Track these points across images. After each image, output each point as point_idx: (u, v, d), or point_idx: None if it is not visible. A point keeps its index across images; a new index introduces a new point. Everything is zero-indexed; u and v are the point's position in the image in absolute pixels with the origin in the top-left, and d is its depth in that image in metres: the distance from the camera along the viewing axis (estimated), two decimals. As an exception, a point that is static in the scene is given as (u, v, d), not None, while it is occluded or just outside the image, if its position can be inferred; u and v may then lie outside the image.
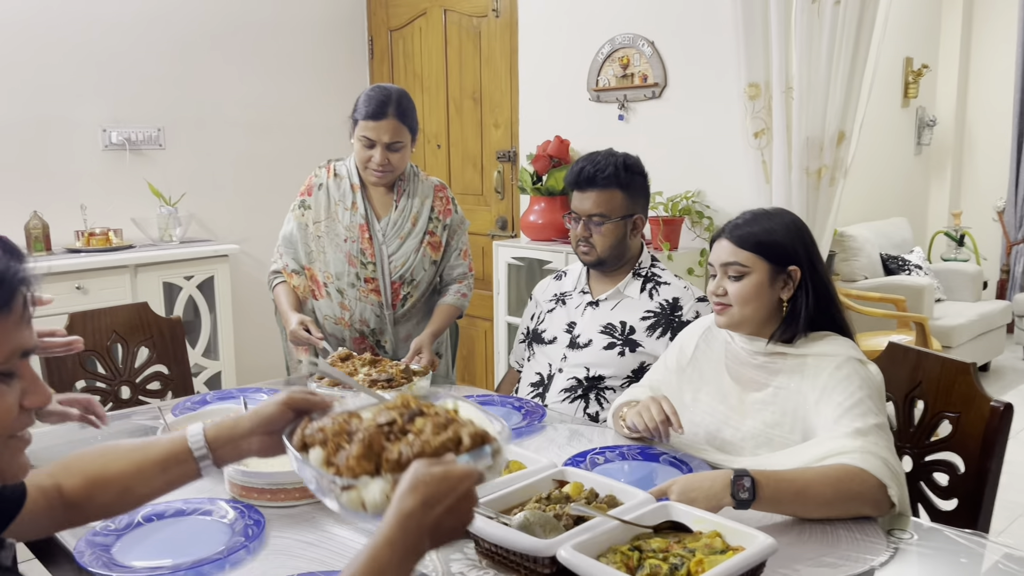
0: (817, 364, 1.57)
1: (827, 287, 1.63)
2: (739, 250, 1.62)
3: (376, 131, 2.26)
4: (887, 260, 5.36)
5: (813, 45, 2.63)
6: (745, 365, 1.68)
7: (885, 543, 1.34)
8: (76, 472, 1.08)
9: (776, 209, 1.71)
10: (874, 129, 5.55)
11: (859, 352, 1.58)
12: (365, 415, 1.06)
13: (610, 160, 2.13)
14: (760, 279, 1.61)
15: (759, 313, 1.62)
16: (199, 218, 4.04)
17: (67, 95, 3.71)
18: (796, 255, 1.60)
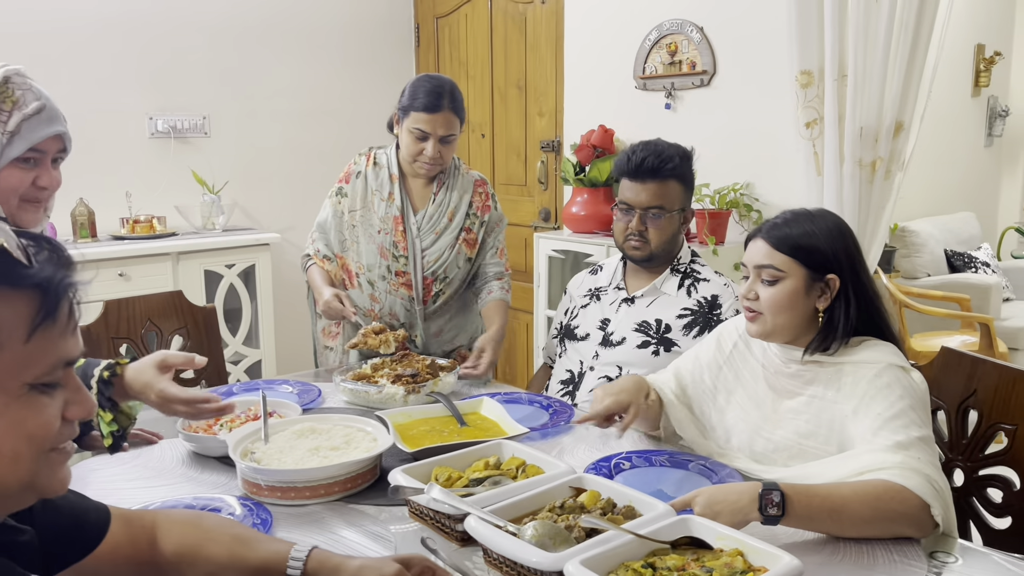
0: (855, 372, 1.46)
1: (870, 297, 1.51)
2: (775, 252, 1.51)
3: (431, 124, 2.19)
4: (952, 257, 5.12)
5: (870, 30, 2.49)
6: (780, 373, 1.58)
7: (926, 567, 1.23)
8: (177, 534, 1.05)
9: (819, 210, 1.59)
10: (940, 119, 5.30)
11: (901, 359, 1.46)
12: None
13: (673, 150, 2.04)
14: (795, 286, 1.50)
15: (792, 323, 1.51)
16: (242, 206, 4.06)
17: (114, 84, 3.75)
18: (836, 262, 1.48)
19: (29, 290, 0.69)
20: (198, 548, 1.04)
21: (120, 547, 1.00)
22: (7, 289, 0.68)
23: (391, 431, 1.63)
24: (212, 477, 1.61)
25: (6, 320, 0.68)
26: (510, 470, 1.46)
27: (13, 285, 0.68)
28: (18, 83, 1.45)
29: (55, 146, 1.51)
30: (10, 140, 1.42)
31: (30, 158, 1.46)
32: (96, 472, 1.63)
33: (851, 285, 1.49)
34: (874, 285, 1.54)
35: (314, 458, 1.53)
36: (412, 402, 1.92)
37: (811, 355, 1.51)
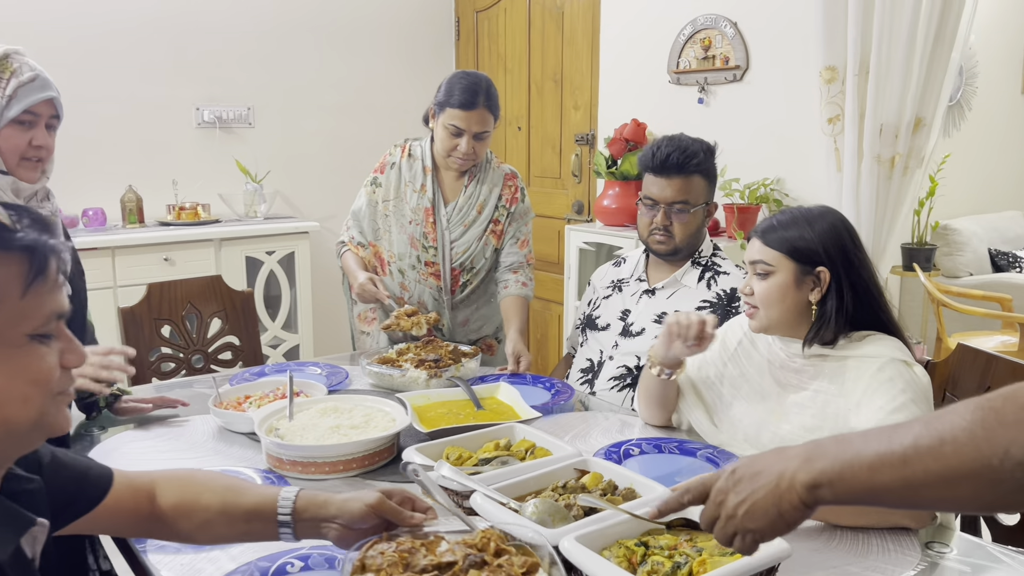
0: (859, 366, 1.49)
1: (866, 289, 1.53)
2: (766, 248, 1.56)
3: (467, 120, 2.24)
4: (996, 256, 5.03)
5: (895, 26, 2.47)
6: (785, 368, 1.61)
7: (919, 556, 1.26)
8: (174, 489, 1.13)
9: (819, 207, 1.61)
10: (989, 118, 5.21)
11: (905, 353, 1.48)
12: (439, 547, 1.03)
13: (697, 146, 2.06)
14: (785, 279, 1.53)
15: (785, 316, 1.55)
16: (283, 195, 4.17)
17: (164, 76, 3.88)
18: (826, 255, 1.51)
19: (19, 252, 0.78)
20: (194, 499, 1.12)
21: (122, 502, 1.08)
22: (1, 252, 0.77)
23: (409, 412, 1.70)
24: (239, 451, 1.69)
25: (2, 279, 0.76)
26: (519, 452, 1.52)
27: (5, 248, 0.77)
28: (16, 58, 1.64)
29: (48, 111, 1.68)
30: (8, 103, 1.61)
31: (25, 120, 1.64)
32: (131, 444, 1.72)
33: (844, 278, 1.51)
34: (875, 279, 1.56)
35: (334, 435, 1.60)
36: (433, 386, 1.99)
37: (809, 347, 1.54)
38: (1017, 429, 0.74)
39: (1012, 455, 0.74)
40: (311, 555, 1.24)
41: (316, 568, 1.22)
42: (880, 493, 0.83)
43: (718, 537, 0.95)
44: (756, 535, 0.92)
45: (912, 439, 0.81)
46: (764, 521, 0.90)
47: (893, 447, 0.82)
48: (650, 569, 1.11)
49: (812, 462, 0.88)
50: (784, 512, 0.89)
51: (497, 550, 1.03)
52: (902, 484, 0.81)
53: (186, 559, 1.25)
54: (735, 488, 0.93)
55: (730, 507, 0.93)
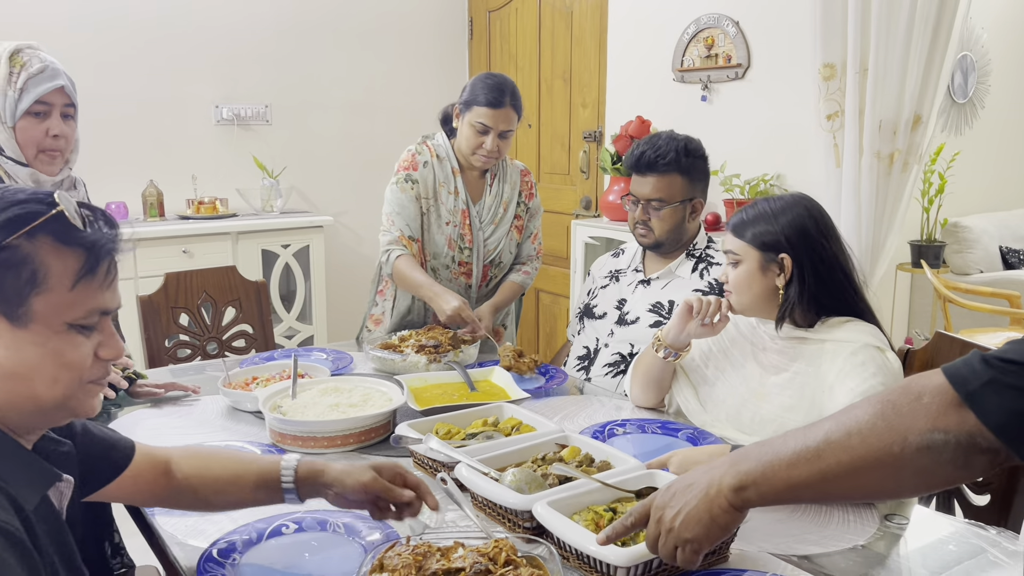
0: (835, 350, 1.56)
1: (832, 274, 1.60)
2: (733, 239, 1.66)
3: (494, 119, 2.32)
4: (1007, 253, 5.04)
5: (892, 24, 2.53)
6: (768, 349, 1.68)
7: (876, 526, 1.33)
8: (188, 461, 1.24)
9: (789, 197, 1.68)
10: (1001, 114, 5.21)
11: (879, 339, 1.55)
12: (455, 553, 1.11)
13: (671, 145, 2.12)
14: (750, 267, 1.63)
15: (756, 300, 1.64)
16: (299, 190, 4.28)
17: (184, 74, 4.01)
18: (788, 243, 1.59)
19: (77, 248, 0.87)
20: (205, 470, 1.23)
21: (142, 473, 1.19)
22: (60, 245, 0.86)
23: (405, 392, 1.79)
24: (245, 428, 1.79)
25: (56, 269, 0.85)
26: (505, 428, 1.60)
27: (65, 243, 0.86)
28: (27, 52, 1.73)
29: (60, 99, 1.76)
30: (20, 96, 1.70)
31: (39, 111, 1.73)
32: (145, 421, 1.83)
33: (807, 263, 1.58)
34: (843, 264, 1.62)
35: (333, 413, 1.70)
36: (432, 370, 2.07)
37: (779, 328, 1.62)
38: (912, 418, 0.83)
39: (910, 442, 0.83)
40: (305, 519, 1.33)
41: (309, 530, 1.31)
42: (798, 488, 0.92)
43: (662, 553, 1.03)
44: (694, 544, 0.99)
45: (824, 435, 0.90)
46: (699, 528, 0.98)
47: (808, 444, 0.91)
48: (615, 531, 1.19)
49: (737, 466, 0.97)
50: (716, 517, 0.97)
51: (506, 560, 1.09)
52: (818, 477, 0.90)
53: (190, 521, 1.35)
54: (671, 502, 1.01)
55: (667, 521, 1.00)
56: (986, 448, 0.80)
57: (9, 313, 0.84)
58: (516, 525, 1.28)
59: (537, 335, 4.42)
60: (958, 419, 0.81)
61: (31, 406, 0.88)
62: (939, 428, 0.82)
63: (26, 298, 0.84)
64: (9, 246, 0.83)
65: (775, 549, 1.25)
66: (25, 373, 0.85)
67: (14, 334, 0.85)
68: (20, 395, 0.86)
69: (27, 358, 0.85)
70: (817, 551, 1.25)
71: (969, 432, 0.80)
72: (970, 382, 0.81)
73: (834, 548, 1.26)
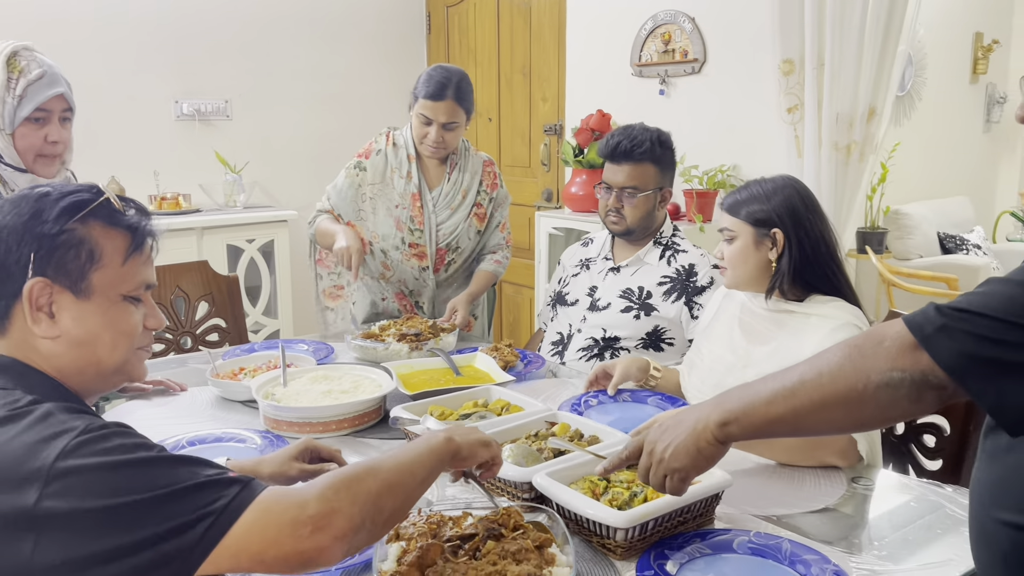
0: (818, 324, 1.68)
1: (818, 249, 1.72)
2: (727, 216, 1.76)
3: (434, 111, 2.40)
4: (944, 239, 5.28)
5: (846, 21, 2.67)
6: (757, 317, 1.79)
7: (844, 488, 1.45)
8: None
9: (779, 177, 1.80)
10: (939, 106, 5.45)
11: (860, 319, 1.67)
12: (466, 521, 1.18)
13: (646, 135, 2.23)
14: (745, 242, 1.74)
15: (750, 273, 1.75)
16: (262, 185, 4.29)
17: (143, 70, 3.98)
18: (779, 219, 1.70)
19: (124, 229, 0.99)
20: None
21: None
22: (110, 227, 0.98)
23: (394, 378, 1.86)
24: (236, 417, 1.83)
25: (108, 248, 0.97)
26: (495, 409, 1.68)
27: (114, 225, 0.99)
28: (24, 55, 1.73)
29: (59, 105, 1.79)
30: (19, 103, 1.71)
31: (39, 117, 1.75)
32: (136, 412, 1.86)
33: (794, 237, 1.70)
34: (828, 240, 1.74)
35: (326, 399, 1.75)
36: (414, 358, 2.14)
37: (769, 298, 1.74)
38: (875, 360, 0.95)
39: (872, 380, 0.95)
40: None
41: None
42: (775, 423, 1.04)
43: (652, 482, 1.14)
44: (681, 473, 1.11)
45: (798, 376, 1.02)
46: (687, 459, 1.10)
47: (784, 384, 1.03)
48: (611, 498, 1.28)
49: (722, 404, 1.09)
50: (702, 449, 1.09)
51: (515, 525, 1.17)
52: (792, 413, 1.02)
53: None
54: (661, 437, 1.13)
55: (658, 452, 1.12)
56: (936, 385, 0.92)
57: (74, 287, 0.95)
58: (515, 496, 1.36)
59: (501, 325, 4.51)
60: (914, 360, 0.92)
61: (94, 370, 0.98)
62: (897, 368, 0.93)
63: (87, 273, 0.95)
64: (68, 229, 0.95)
65: (755, 511, 1.36)
66: (89, 340, 0.97)
67: (79, 306, 0.96)
68: (86, 360, 0.97)
69: (91, 326, 0.97)
70: (793, 511, 1.36)
71: (923, 371, 0.92)
72: (925, 327, 0.92)
73: (808, 508, 1.37)
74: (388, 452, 1.01)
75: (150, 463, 0.82)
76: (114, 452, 0.81)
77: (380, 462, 0.96)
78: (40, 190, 0.97)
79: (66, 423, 0.83)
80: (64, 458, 0.79)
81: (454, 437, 1.08)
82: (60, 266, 0.94)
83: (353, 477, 0.91)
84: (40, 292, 0.94)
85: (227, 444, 1.65)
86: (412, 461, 0.99)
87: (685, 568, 1.17)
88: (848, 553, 1.23)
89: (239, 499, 0.82)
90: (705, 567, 1.18)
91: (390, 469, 0.95)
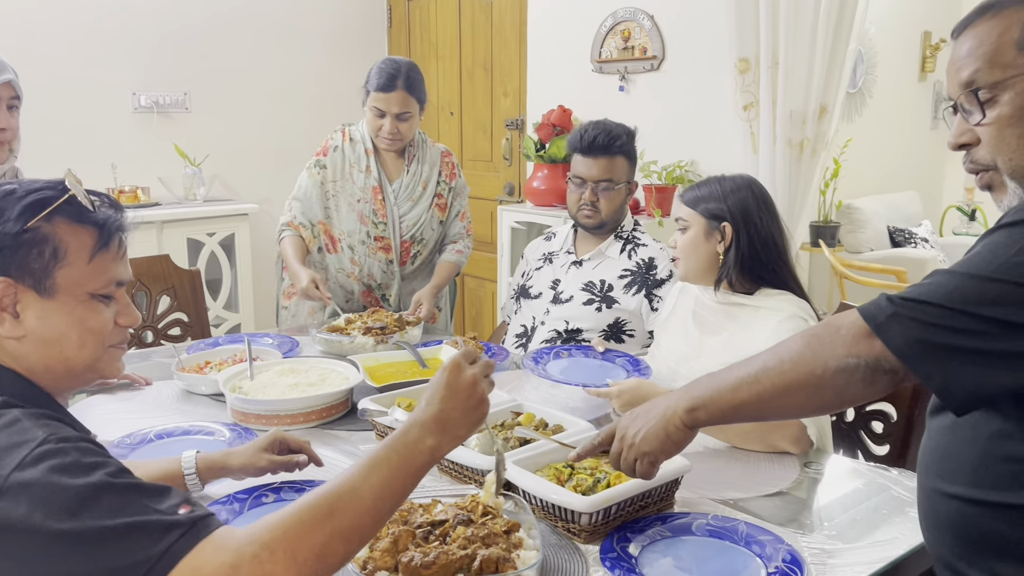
0: (766, 316, 1.74)
1: (767, 245, 1.78)
2: (682, 206, 1.84)
3: (386, 102, 2.43)
4: (894, 233, 5.43)
5: (799, 21, 2.75)
6: (709, 309, 1.85)
7: (797, 473, 1.51)
8: None
9: (739, 176, 1.86)
10: (888, 103, 5.60)
11: (806, 312, 1.74)
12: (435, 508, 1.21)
13: (620, 129, 2.30)
14: (696, 232, 1.81)
15: (699, 264, 1.81)
16: (222, 178, 4.26)
17: (100, 60, 3.93)
18: (730, 213, 1.76)
19: (91, 226, 0.98)
20: None
21: None
22: (76, 224, 0.97)
23: (361, 370, 1.88)
24: (202, 410, 1.85)
25: (74, 246, 0.96)
26: (462, 400, 1.72)
27: (80, 222, 0.97)
28: None
29: (6, 92, 1.80)
30: None
31: None
32: (99, 406, 1.86)
33: (744, 232, 1.76)
34: (777, 238, 1.80)
35: (294, 392, 1.78)
36: (380, 351, 2.17)
37: (717, 290, 1.80)
38: (832, 347, 1.03)
39: (830, 366, 1.02)
40: (283, 488, 1.42)
41: (288, 500, 1.40)
42: (740, 408, 1.11)
43: (623, 466, 1.20)
44: (651, 457, 1.17)
45: (761, 364, 1.09)
46: (656, 443, 1.16)
47: (748, 371, 1.10)
48: (576, 484, 1.33)
49: (690, 392, 1.16)
50: (671, 434, 1.15)
51: (484, 511, 1.20)
52: (756, 399, 1.09)
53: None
54: (633, 424, 1.19)
55: (629, 437, 1.18)
56: (889, 369, 1.00)
57: (38, 286, 0.94)
58: (482, 484, 1.40)
59: (464, 317, 4.54)
60: (868, 346, 1.00)
61: (63, 368, 0.98)
62: (852, 354, 1.01)
63: (51, 272, 0.95)
64: (31, 228, 0.93)
65: (713, 495, 1.41)
66: (55, 339, 0.96)
67: (43, 305, 0.95)
68: (54, 359, 0.96)
69: (56, 325, 0.96)
70: (748, 495, 1.42)
71: (876, 356, 0.99)
72: (877, 316, 1.00)
73: (763, 492, 1.43)
74: (364, 467, 0.92)
75: (101, 489, 0.80)
76: (69, 471, 0.80)
77: (345, 498, 0.88)
78: (5, 188, 0.96)
79: (28, 432, 0.83)
80: (20, 470, 0.79)
81: (442, 444, 0.99)
82: (23, 265, 0.93)
83: (300, 528, 0.84)
84: (3, 292, 0.93)
85: (195, 437, 1.67)
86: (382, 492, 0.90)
87: (647, 550, 1.22)
88: (800, 533, 1.29)
89: (176, 547, 0.79)
90: (665, 549, 1.23)
91: (353, 511, 0.87)
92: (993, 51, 1.04)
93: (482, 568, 1.08)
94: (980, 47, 1.05)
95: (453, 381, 1.03)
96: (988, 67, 1.04)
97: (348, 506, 0.87)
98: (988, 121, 1.05)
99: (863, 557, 1.22)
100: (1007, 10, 1.04)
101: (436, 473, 1.50)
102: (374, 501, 0.89)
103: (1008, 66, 1.02)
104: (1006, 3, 1.04)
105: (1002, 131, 1.04)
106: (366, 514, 0.89)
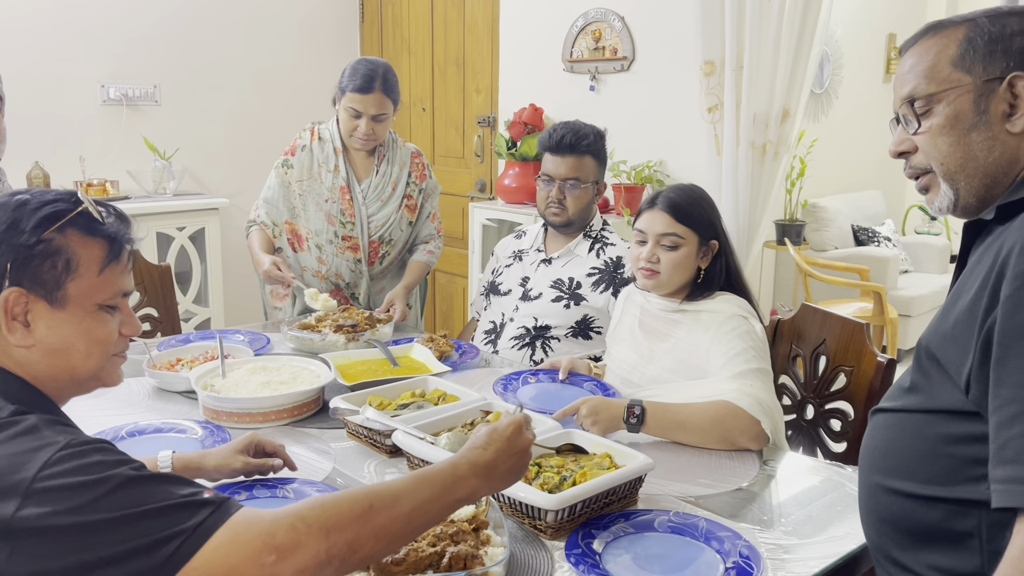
0: (709, 319, 1.80)
1: (733, 255, 1.85)
2: (676, 223, 1.81)
3: (363, 104, 2.45)
4: (858, 232, 5.55)
5: (763, 25, 2.81)
6: (655, 318, 1.90)
7: (757, 471, 1.57)
8: None
9: (695, 186, 1.91)
10: (853, 105, 5.71)
11: (745, 310, 1.80)
12: None
13: (588, 129, 2.34)
14: (690, 251, 1.82)
15: (683, 279, 1.85)
16: (192, 172, 4.23)
17: (68, 51, 3.88)
18: (714, 230, 1.82)
19: (102, 238, 1.00)
20: None
21: None
22: (87, 236, 0.99)
23: (332, 369, 1.91)
24: (174, 408, 1.86)
25: (85, 257, 0.98)
26: (432, 399, 1.75)
27: (92, 234, 0.99)
28: None
29: None
30: None
31: None
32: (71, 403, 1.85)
33: (722, 247, 1.82)
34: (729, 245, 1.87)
35: (265, 390, 1.80)
36: (351, 348, 2.19)
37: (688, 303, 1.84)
38: None
39: None
40: (255, 486, 1.44)
41: (260, 497, 1.42)
42: None
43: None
44: None
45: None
46: None
47: None
48: (542, 482, 1.37)
49: None
50: None
51: None
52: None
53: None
54: None
55: None
56: None
57: (49, 297, 0.97)
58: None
59: (435, 314, 4.56)
60: None
61: (68, 377, 1.00)
62: None
63: (63, 283, 0.97)
64: (45, 239, 0.96)
65: (675, 492, 1.46)
66: (63, 348, 0.98)
67: (54, 315, 0.97)
68: (60, 368, 0.98)
69: (65, 335, 0.98)
70: (709, 492, 1.47)
71: None
72: None
73: (723, 489, 1.48)
74: (411, 479, 0.97)
75: (127, 482, 0.83)
76: (93, 469, 0.83)
77: (385, 502, 0.92)
78: (19, 198, 0.98)
79: (49, 438, 0.85)
80: (45, 472, 0.81)
81: (481, 489, 1.04)
82: (36, 276, 0.95)
83: (337, 513, 0.88)
84: (15, 301, 0.95)
85: (168, 435, 1.68)
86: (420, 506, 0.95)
87: (611, 546, 1.27)
88: (758, 529, 1.34)
89: (210, 521, 0.83)
90: (629, 544, 1.27)
91: (388, 513, 0.92)
92: (930, 67, 1.12)
93: (451, 564, 1.11)
94: (920, 63, 1.14)
95: (513, 439, 1.09)
96: (926, 82, 1.13)
97: (386, 507, 0.92)
98: (923, 130, 1.14)
99: (817, 552, 1.28)
100: (947, 30, 1.12)
101: (406, 471, 1.53)
102: (410, 511, 0.94)
103: (943, 81, 1.11)
104: (947, 24, 1.13)
105: (935, 139, 1.13)
106: (399, 519, 0.93)
